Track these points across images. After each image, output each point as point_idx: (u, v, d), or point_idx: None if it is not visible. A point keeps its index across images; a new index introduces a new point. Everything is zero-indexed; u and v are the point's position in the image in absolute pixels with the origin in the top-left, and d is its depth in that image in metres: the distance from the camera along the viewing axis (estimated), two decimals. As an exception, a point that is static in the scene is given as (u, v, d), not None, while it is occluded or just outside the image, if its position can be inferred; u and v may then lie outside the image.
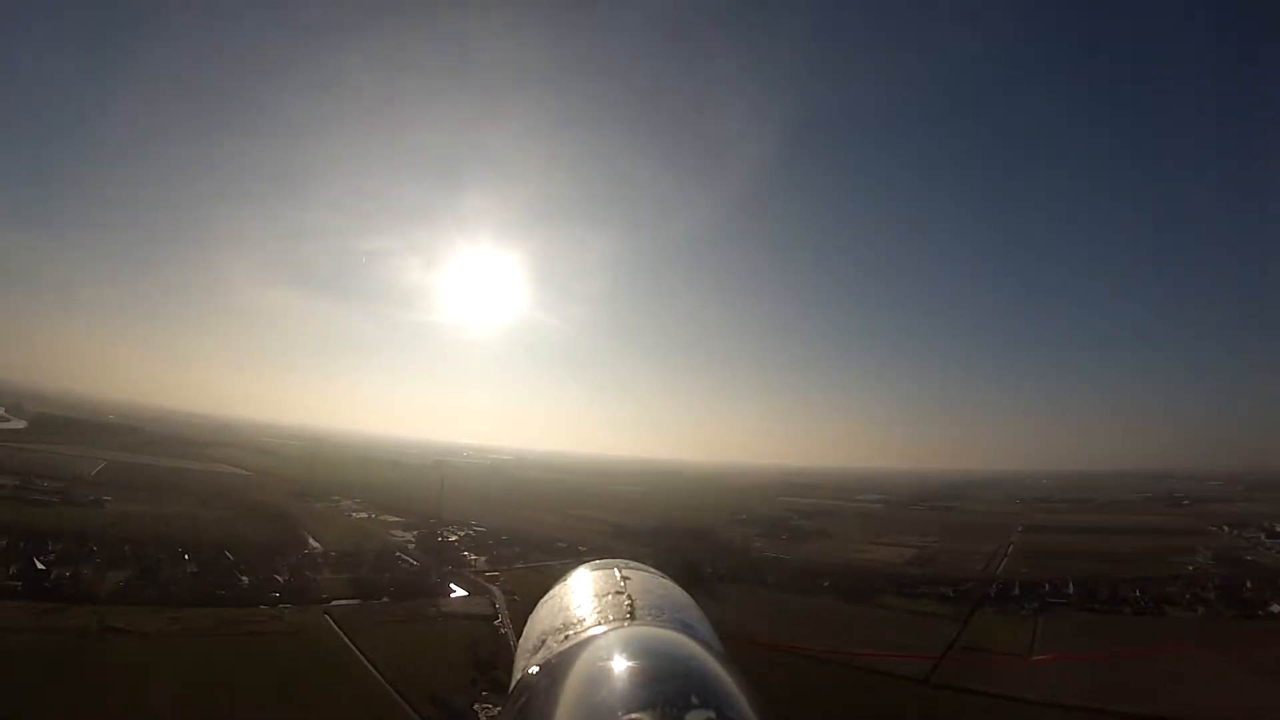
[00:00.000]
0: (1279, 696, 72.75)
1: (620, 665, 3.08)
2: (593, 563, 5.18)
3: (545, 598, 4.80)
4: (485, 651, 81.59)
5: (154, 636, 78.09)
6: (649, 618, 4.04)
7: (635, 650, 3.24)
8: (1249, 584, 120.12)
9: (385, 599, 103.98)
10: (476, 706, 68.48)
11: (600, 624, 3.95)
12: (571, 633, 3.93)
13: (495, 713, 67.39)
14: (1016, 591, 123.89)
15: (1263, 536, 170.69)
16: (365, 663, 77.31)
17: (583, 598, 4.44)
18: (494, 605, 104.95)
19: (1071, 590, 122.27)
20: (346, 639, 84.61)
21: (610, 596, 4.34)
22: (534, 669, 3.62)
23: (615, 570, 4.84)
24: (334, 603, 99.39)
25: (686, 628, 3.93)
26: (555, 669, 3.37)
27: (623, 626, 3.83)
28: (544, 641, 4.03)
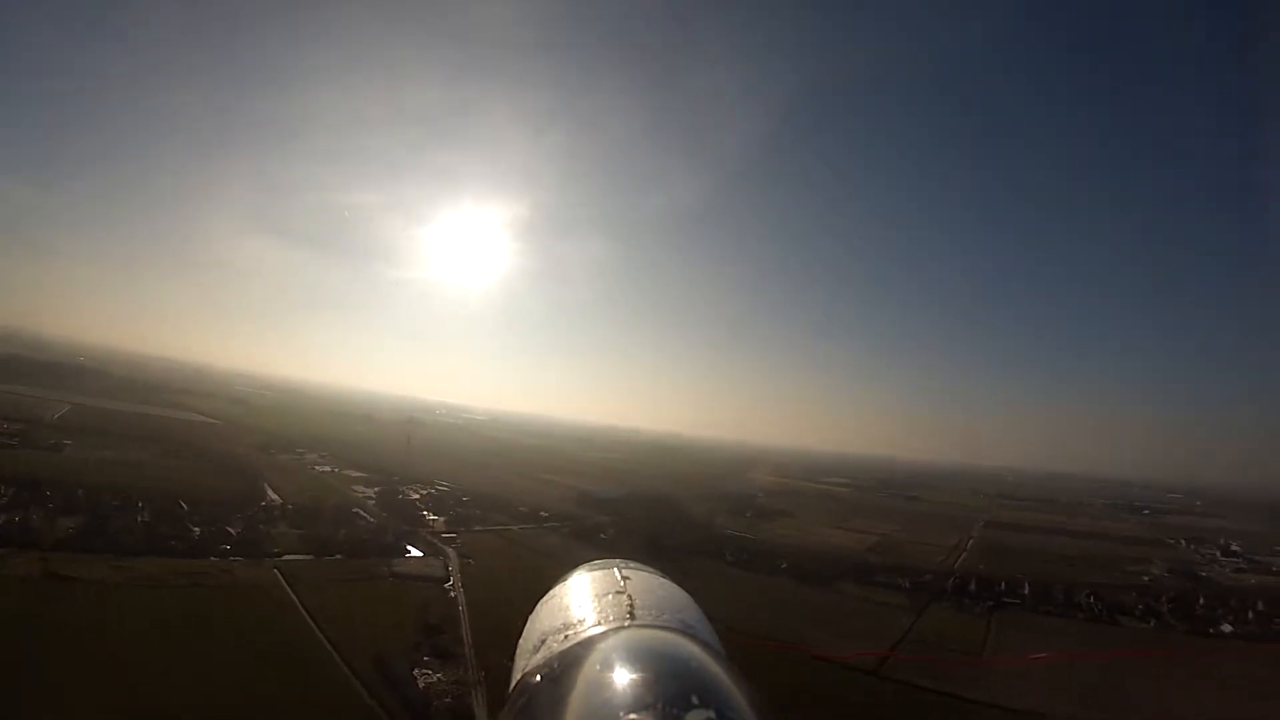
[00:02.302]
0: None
1: (620, 665, 3.09)
2: (592, 563, 5.15)
3: (545, 597, 4.75)
4: (433, 615, 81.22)
5: (97, 585, 76.68)
6: (649, 618, 4.01)
7: (635, 650, 3.24)
8: (1201, 600, 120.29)
9: (338, 556, 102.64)
10: (416, 671, 68.07)
11: (600, 624, 3.92)
12: (571, 633, 3.90)
13: (435, 679, 67.37)
14: (973, 587, 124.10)
15: (1218, 553, 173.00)
16: (309, 620, 76.29)
17: (582, 598, 4.40)
18: (447, 568, 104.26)
19: (1027, 591, 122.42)
20: (293, 595, 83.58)
21: (610, 597, 4.31)
22: (534, 669, 3.55)
23: (615, 570, 4.82)
24: (285, 558, 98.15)
25: (687, 628, 3.91)
26: (555, 669, 3.35)
27: (623, 627, 3.79)
28: (544, 641, 4.00)
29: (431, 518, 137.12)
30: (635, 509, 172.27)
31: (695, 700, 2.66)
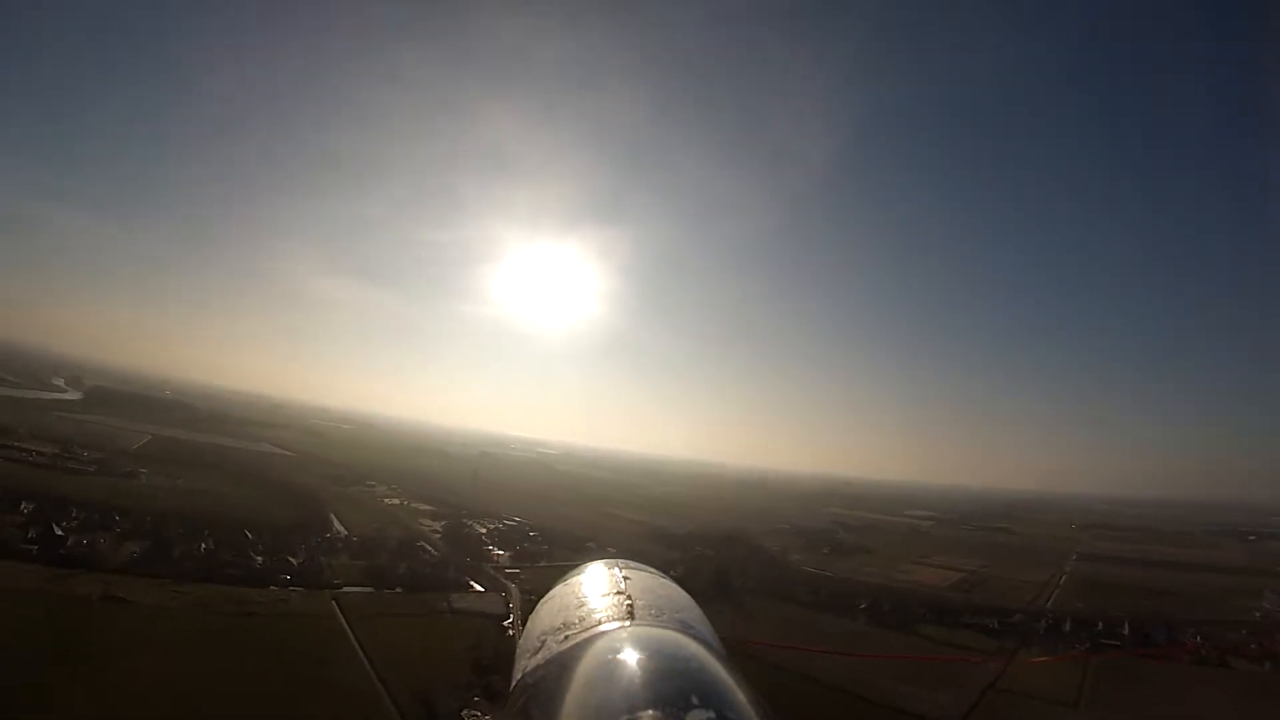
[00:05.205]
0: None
1: (620, 665, 3.08)
2: (593, 563, 5.02)
3: (545, 598, 4.68)
4: (487, 653, 77.75)
5: (152, 609, 77.16)
6: (648, 618, 3.95)
7: (635, 650, 3.21)
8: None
9: (398, 589, 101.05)
10: (465, 712, 64.67)
11: (600, 624, 3.90)
12: (571, 633, 3.90)
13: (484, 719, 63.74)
14: (1067, 628, 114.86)
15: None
16: (360, 653, 74.34)
17: (583, 598, 4.34)
18: (508, 605, 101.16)
19: (1126, 631, 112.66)
20: (348, 627, 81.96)
21: (610, 597, 4.23)
22: (533, 669, 3.66)
23: (615, 570, 4.71)
24: (344, 589, 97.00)
25: (686, 628, 3.84)
26: (555, 669, 3.36)
27: (622, 627, 3.76)
28: (544, 642, 3.97)
29: (497, 552, 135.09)
30: (706, 545, 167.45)
31: (695, 700, 2.64)
